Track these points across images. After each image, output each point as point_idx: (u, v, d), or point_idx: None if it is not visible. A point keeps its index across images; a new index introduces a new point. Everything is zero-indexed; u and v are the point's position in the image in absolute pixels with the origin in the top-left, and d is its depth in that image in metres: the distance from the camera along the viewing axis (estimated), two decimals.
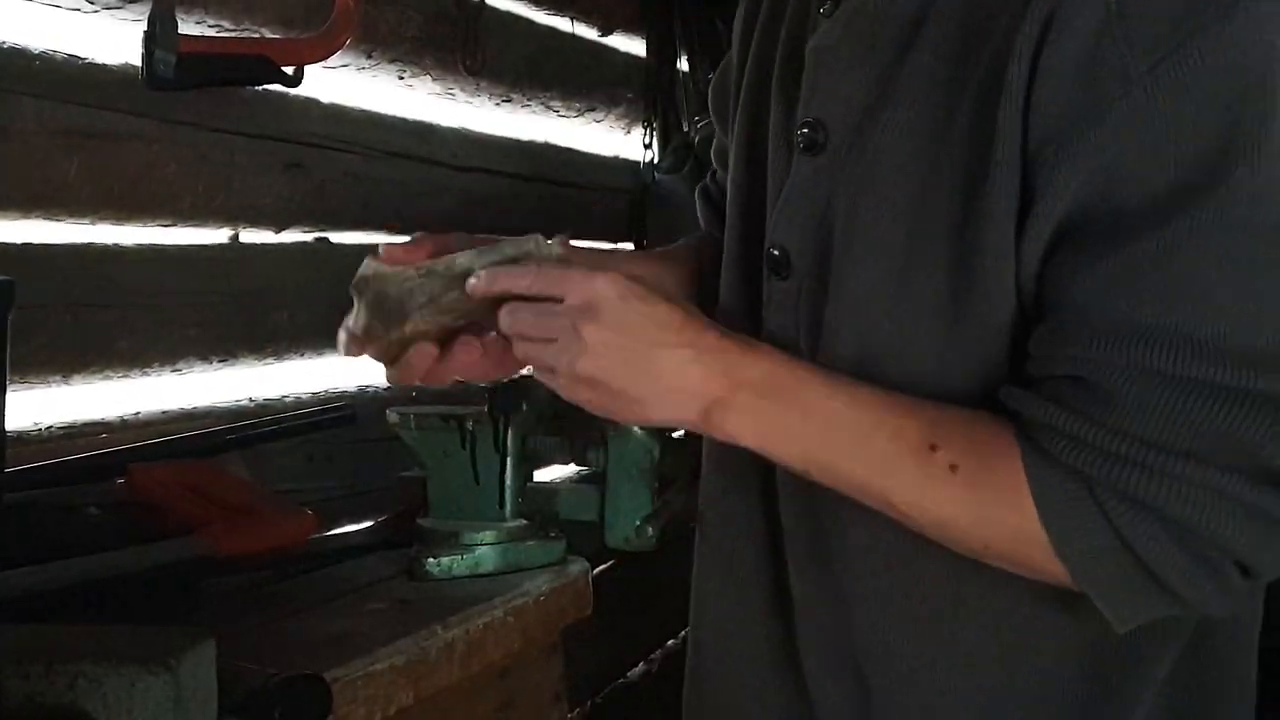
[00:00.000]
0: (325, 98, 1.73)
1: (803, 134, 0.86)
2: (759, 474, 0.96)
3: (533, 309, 0.82)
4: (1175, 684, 0.86)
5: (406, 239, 0.95)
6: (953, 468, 0.76)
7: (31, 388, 1.34)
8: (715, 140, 1.15)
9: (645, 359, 0.78)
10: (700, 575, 1.08)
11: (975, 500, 0.76)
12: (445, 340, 0.90)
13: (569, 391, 0.82)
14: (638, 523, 1.15)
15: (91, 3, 1.37)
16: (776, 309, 0.91)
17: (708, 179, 1.20)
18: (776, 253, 0.90)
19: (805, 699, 0.95)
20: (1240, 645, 0.91)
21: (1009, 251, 0.76)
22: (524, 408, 1.22)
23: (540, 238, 0.89)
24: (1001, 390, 0.78)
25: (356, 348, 0.90)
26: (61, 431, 1.38)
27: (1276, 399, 0.69)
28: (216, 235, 1.59)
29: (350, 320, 0.89)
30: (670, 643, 2.36)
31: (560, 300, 0.81)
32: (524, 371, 0.93)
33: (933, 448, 0.76)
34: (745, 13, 1.02)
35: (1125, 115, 0.70)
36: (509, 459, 1.24)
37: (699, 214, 1.18)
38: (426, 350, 0.89)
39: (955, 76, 0.77)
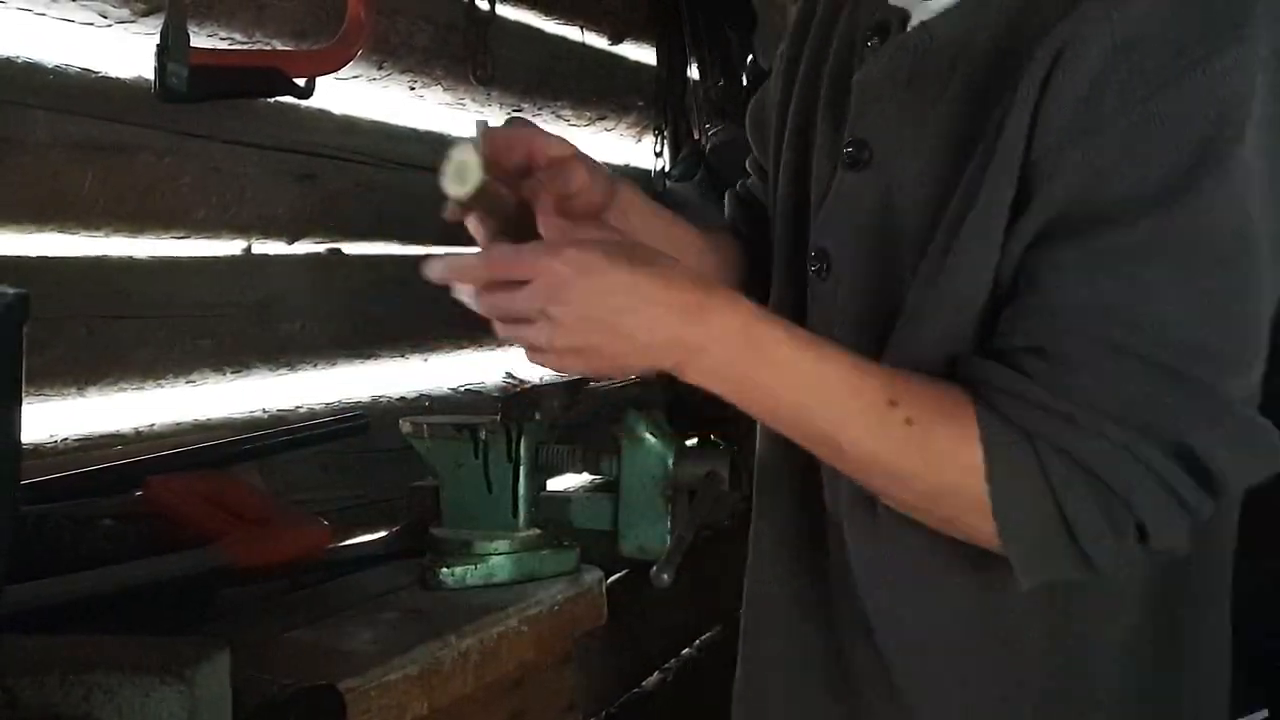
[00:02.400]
0: (337, 109, 1.74)
1: (848, 152, 0.96)
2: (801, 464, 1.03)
3: (504, 296, 0.86)
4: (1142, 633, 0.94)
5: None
6: (909, 421, 0.82)
7: (47, 399, 1.34)
8: (750, 157, 1.25)
9: (615, 326, 0.83)
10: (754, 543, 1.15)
11: (926, 451, 0.83)
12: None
13: (558, 364, 0.87)
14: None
15: (105, 17, 1.38)
16: (818, 306, 1.00)
17: (739, 185, 1.29)
18: (815, 254, 1.00)
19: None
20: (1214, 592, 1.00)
21: (995, 245, 0.84)
22: (536, 417, 1.22)
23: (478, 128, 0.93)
24: (960, 359, 0.85)
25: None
26: (76, 443, 1.39)
27: (1205, 385, 0.78)
28: (229, 246, 1.60)
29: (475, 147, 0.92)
30: (685, 652, 2.35)
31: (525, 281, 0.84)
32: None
33: (892, 403, 0.83)
34: (790, 50, 1.13)
35: (1117, 136, 0.79)
36: (522, 468, 1.23)
37: (727, 213, 1.24)
38: None
39: (979, 110, 0.87)
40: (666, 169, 2.60)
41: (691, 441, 1.24)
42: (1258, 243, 0.79)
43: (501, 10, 1.99)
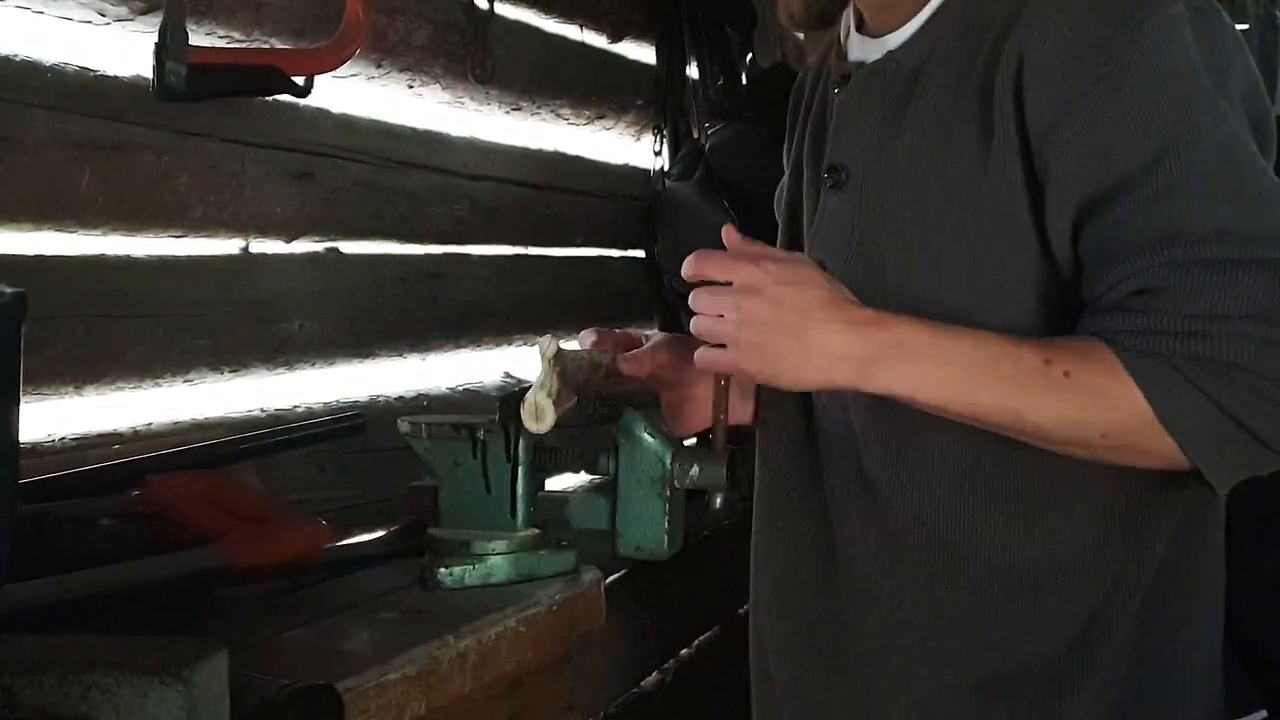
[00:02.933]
0: (335, 107, 1.74)
1: (827, 176, 1.12)
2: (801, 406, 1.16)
3: (709, 291, 0.97)
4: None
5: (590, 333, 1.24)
6: (1066, 374, 0.92)
7: (44, 399, 1.34)
8: None
9: (799, 330, 0.94)
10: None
11: (1090, 397, 0.92)
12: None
13: (739, 359, 0.96)
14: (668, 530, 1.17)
15: (103, 15, 1.38)
16: None
17: None
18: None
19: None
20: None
21: (1020, 227, 0.98)
22: None
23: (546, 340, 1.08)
24: (1079, 324, 0.96)
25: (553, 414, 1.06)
26: (74, 442, 1.39)
27: (1244, 255, 0.89)
28: (227, 246, 1.60)
29: (545, 388, 1.06)
30: (684, 652, 2.35)
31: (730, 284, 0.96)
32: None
33: (1047, 362, 0.93)
34: (789, 134, 1.28)
35: (1095, 105, 0.93)
36: (520, 468, 1.23)
37: None
38: None
39: (947, 111, 1.01)
40: (666, 168, 2.60)
41: (690, 441, 1.23)
42: (1249, 142, 0.94)
43: (500, 9, 1.99)
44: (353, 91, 1.76)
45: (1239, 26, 3.16)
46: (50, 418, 1.36)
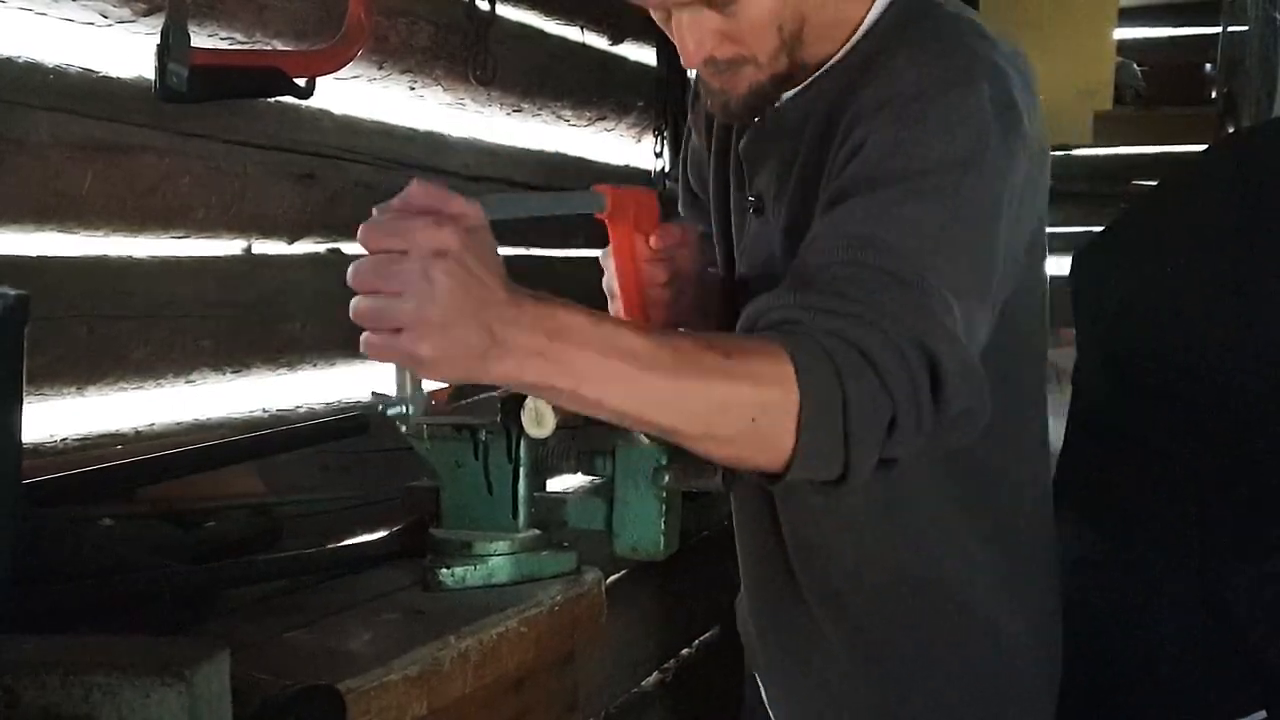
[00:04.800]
0: (337, 109, 1.74)
1: (750, 202, 1.28)
2: None
3: (376, 259, 0.84)
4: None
5: None
6: (727, 354, 0.92)
7: (47, 399, 1.35)
8: (687, 188, 1.50)
9: (479, 311, 0.82)
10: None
11: (749, 372, 0.93)
12: None
13: (411, 347, 0.83)
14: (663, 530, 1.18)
15: (105, 17, 1.38)
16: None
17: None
18: (740, 280, 1.30)
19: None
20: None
21: None
22: None
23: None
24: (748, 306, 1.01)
25: None
26: (77, 443, 1.39)
27: (939, 298, 0.97)
28: (230, 246, 1.60)
29: None
30: (684, 652, 2.35)
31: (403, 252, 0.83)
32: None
33: (709, 346, 0.93)
34: (705, 138, 1.39)
35: (873, 131, 1.06)
36: (522, 469, 1.23)
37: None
38: None
39: (817, 153, 1.17)
40: (666, 169, 2.60)
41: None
42: (999, 223, 1.04)
43: (502, 10, 2.00)
44: (354, 93, 1.77)
45: (1239, 28, 3.10)
46: (53, 418, 1.37)
